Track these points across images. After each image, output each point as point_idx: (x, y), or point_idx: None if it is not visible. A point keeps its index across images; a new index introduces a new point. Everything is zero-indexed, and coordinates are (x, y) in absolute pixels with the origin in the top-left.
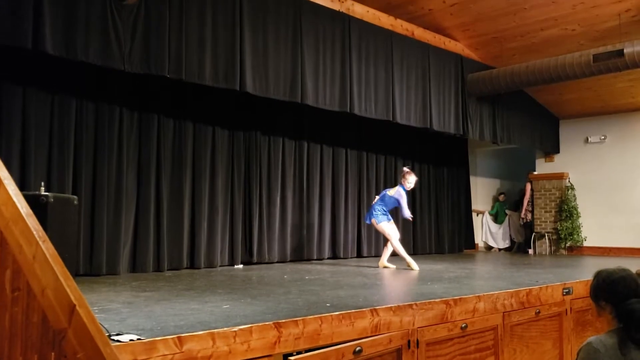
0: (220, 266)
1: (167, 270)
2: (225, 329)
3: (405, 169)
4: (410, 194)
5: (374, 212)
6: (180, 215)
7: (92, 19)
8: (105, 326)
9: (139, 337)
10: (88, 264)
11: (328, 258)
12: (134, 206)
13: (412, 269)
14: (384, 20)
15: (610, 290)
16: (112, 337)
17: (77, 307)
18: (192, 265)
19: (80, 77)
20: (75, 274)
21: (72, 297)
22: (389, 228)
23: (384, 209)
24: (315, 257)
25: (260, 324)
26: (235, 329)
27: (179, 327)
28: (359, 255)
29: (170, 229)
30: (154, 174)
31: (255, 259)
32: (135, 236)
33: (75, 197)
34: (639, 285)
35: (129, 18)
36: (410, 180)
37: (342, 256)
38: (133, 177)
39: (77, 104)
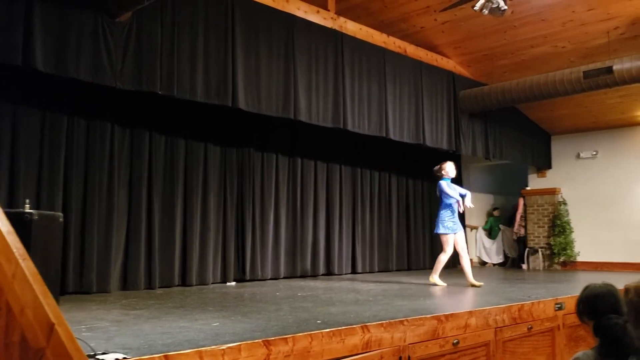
0: (212, 283)
1: (159, 288)
2: (213, 347)
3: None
4: (404, 210)
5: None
6: (172, 232)
7: (84, 36)
8: (92, 345)
9: (125, 355)
10: (78, 282)
11: (322, 274)
12: (125, 223)
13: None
14: (377, 37)
15: (591, 306)
16: (98, 357)
17: (56, 326)
18: (184, 282)
19: (71, 93)
20: (63, 292)
21: (51, 316)
22: (444, 239)
23: (444, 215)
24: (309, 274)
25: (249, 342)
26: (224, 347)
27: (166, 345)
28: (354, 271)
29: (162, 246)
30: (145, 190)
31: (248, 276)
32: (126, 254)
33: (60, 214)
34: (618, 301)
35: (120, 35)
36: (448, 168)
37: (336, 272)
38: (124, 194)
39: (68, 121)
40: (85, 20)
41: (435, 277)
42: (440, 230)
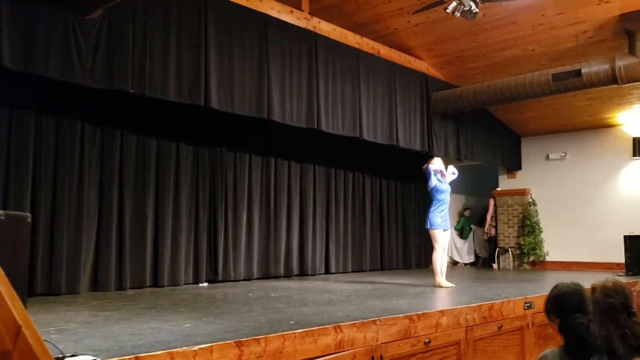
0: (184, 284)
1: (130, 289)
2: (185, 348)
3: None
4: (378, 210)
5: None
6: (143, 233)
7: (53, 33)
8: (60, 347)
9: (94, 358)
10: (47, 283)
11: (296, 275)
12: (96, 223)
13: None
14: (351, 38)
15: (558, 305)
16: (66, 359)
17: (23, 329)
18: (156, 283)
19: (40, 91)
20: (32, 294)
21: (18, 318)
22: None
23: (431, 211)
24: (282, 274)
25: (221, 343)
26: (195, 348)
27: (137, 347)
28: (327, 272)
29: (133, 246)
30: (116, 190)
31: (220, 277)
32: (96, 254)
33: (28, 214)
34: (583, 300)
35: (91, 33)
36: (435, 161)
37: (310, 273)
38: (95, 194)
39: (37, 119)
40: (54, 17)
41: (439, 279)
42: (427, 225)
